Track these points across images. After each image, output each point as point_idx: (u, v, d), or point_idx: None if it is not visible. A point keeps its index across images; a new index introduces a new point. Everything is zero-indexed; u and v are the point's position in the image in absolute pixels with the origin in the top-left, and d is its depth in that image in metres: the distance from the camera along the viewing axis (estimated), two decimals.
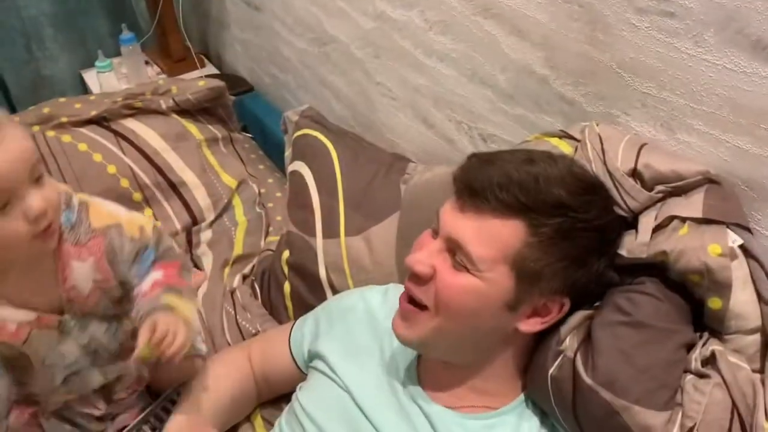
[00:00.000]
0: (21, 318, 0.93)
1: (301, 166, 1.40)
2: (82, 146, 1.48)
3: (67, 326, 0.97)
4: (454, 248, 0.80)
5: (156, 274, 0.99)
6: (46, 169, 0.85)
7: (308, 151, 1.41)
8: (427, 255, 0.83)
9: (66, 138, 1.48)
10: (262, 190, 1.68)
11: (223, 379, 1.08)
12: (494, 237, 0.78)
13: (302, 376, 1.05)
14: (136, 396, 1.11)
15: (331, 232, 1.28)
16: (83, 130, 1.51)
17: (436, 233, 0.85)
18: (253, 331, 1.32)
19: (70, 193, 0.96)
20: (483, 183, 0.78)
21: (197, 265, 1.50)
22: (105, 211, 0.98)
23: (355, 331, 1.01)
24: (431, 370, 0.92)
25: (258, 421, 1.15)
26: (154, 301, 0.94)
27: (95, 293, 0.97)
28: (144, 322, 0.91)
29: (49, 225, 0.85)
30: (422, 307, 0.83)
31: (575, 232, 0.78)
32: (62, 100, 1.59)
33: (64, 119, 1.51)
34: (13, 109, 2.30)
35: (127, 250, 0.97)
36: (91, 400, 1.07)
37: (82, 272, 0.95)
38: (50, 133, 1.48)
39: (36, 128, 1.49)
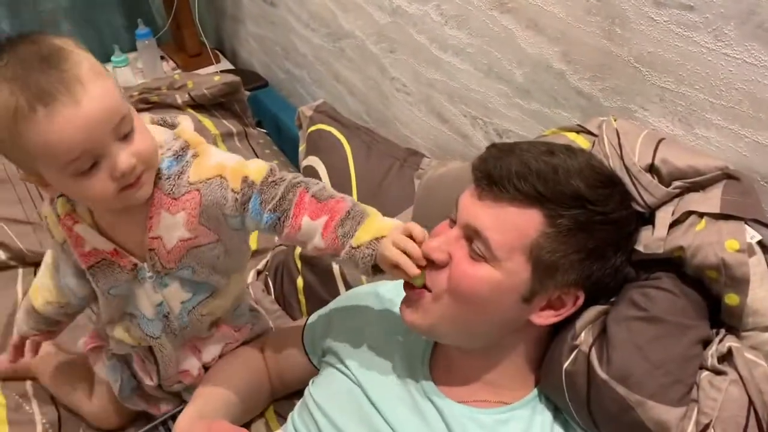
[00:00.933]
0: (97, 244, 0.90)
1: (315, 161, 1.40)
2: None
3: (141, 273, 0.93)
4: (471, 235, 0.80)
5: (310, 224, 0.88)
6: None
7: (322, 146, 1.42)
8: (444, 242, 0.83)
9: None
10: None
11: (237, 374, 1.08)
12: (511, 225, 0.78)
13: (315, 372, 1.05)
14: (181, 387, 1.11)
15: None
16: None
17: (453, 222, 0.85)
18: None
19: (187, 145, 0.90)
20: (502, 172, 0.78)
21: None
22: (211, 164, 0.89)
23: (368, 326, 1.01)
24: (444, 363, 0.92)
25: (271, 415, 1.15)
26: (356, 252, 0.85)
27: (179, 251, 0.91)
28: (377, 263, 0.84)
29: (138, 177, 0.81)
30: (426, 289, 0.84)
31: (592, 224, 0.78)
32: None
33: None
34: None
35: (229, 205, 0.88)
36: (147, 365, 1.06)
37: (170, 225, 0.89)
38: None
39: None
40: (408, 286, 0.86)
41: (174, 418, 1.09)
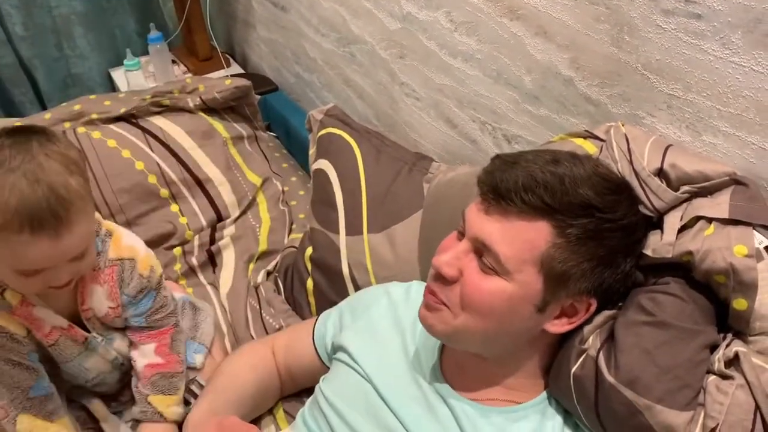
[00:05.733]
0: (54, 322, 1.00)
1: (325, 164, 1.41)
2: (111, 142, 1.51)
3: (92, 343, 1.04)
4: (481, 249, 0.80)
5: (150, 351, 1.07)
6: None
7: (332, 149, 1.43)
8: (453, 257, 0.82)
9: (96, 134, 1.51)
10: (286, 188, 1.70)
11: (247, 371, 1.10)
12: (520, 238, 0.78)
13: (325, 370, 1.06)
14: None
15: (354, 229, 1.30)
16: (113, 126, 1.55)
17: (461, 235, 0.85)
18: (277, 327, 1.34)
19: (99, 221, 1.02)
20: (508, 185, 0.78)
21: (214, 260, 1.52)
22: (125, 245, 1.03)
23: (378, 324, 1.02)
24: (454, 363, 0.93)
25: (280, 415, 1.16)
26: (145, 405, 1.06)
27: (109, 316, 1.04)
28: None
29: (68, 282, 0.92)
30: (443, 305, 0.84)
31: (602, 232, 0.78)
32: (92, 97, 1.63)
33: (94, 116, 1.55)
34: (43, 106, 2.34)
35: (133, 285, 1.03)
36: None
37: (99, 296, 1.02)
38: (81, 130, 1.52)
39: (67, 125, 1.53)
40: (428, 290, 0.86)
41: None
